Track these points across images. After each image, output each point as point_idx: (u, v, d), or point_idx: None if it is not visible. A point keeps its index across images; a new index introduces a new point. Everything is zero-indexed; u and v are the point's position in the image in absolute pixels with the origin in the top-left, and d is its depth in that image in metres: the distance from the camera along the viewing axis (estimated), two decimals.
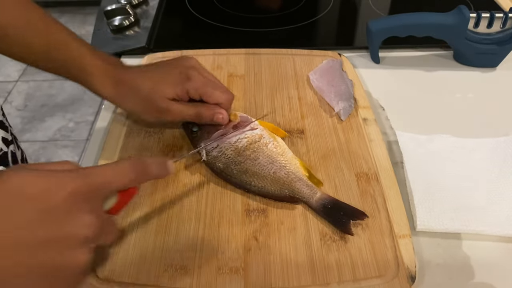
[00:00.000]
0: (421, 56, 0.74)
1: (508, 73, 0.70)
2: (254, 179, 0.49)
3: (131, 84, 0.51)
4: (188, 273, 0.42)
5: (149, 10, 0.85)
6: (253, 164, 0.49)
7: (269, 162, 0.49)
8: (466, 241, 0.47)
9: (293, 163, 0.50)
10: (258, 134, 0.52)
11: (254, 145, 0.51)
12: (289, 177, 0.48)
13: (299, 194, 0.47)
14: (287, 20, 0.84)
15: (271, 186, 0.48)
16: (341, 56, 0.69)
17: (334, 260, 0.43)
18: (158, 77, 0.51)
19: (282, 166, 0.49)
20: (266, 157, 0.50)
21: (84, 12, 2.74)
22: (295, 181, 0.48)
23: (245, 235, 0.45)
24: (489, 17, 0.67)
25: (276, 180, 0.48)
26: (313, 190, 0.47)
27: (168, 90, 0.50)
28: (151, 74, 0.51)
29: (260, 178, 0.48)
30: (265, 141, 0.51)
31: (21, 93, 2.15)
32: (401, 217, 0.47)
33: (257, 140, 0.51)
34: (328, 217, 0.46)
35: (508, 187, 0.50)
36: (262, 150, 0.50)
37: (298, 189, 0.47)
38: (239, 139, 0.51)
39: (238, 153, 0.50)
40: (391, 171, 0.51)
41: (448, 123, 0.61)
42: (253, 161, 0.50)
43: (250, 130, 0.52)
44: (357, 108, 0.60)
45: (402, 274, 0.42)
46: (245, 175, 0.49)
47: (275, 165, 0.49)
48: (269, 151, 0.50)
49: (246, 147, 0.51)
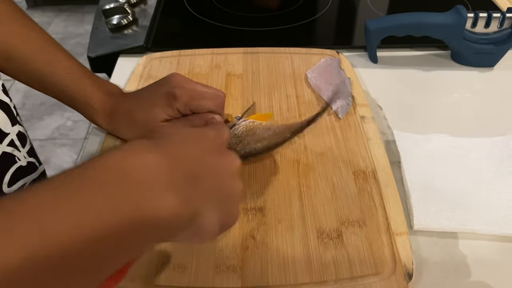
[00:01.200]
0: (419, 55, 0.74)
1: (506, 72, 0.70)
2: (258, 144, 0.49)
3: (126, 115, 0.53)
4: (185, 271, 0.42)
5: (147, 9, 0.85)
6: (252, 138, 0.50)
7: (266, 130, 0.51)
8: (463, 240, 0.47)
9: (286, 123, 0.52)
10: (251, 121, 0.53)
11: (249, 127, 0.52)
12: (286, 127, 0.49)
13: (297, 124, 0.48)
14: (286, 19, 0.84)
15: (275, 138, 0.49)
16: (339, 54, 0.69)
17: (331, 257, 0.43)
18: (148, 103, 0.52)
19: (278, 126, 0.51)
20: (262, 129, 0.51)
21: (82, 10, 2.74)
22: (291, 125, 0.49)
23: (242, 234, 0.45)
24: (487, 17, 0.67)
25: (277, 134, 0.49)
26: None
27: (159, 113, 0.51)
28: (141, 100, 0.53)
29: (263, 140, 0.49)
30: (258, 123, 0.53)
31: (19, 91, 2.15)
32: (398, 214, 0.47)
33: (251, 124, 0.52)
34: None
35: (505, 187, 0.50)
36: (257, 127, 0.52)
37: (295, 124, 0.49)
38: (235, 127, 0.52)
39: (237, 137, 0.51)
40: (389, 168, 0.51)
41: (446, 123, 0.61)
42: (252, 136, 0.51)
43: (244, 121, 0.53)
44: (355, 106, 0.60)
45: (399, 271, 0.42)
46: (248, 146, 0.50)
47: (272, 128, 0.51)
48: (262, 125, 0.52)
49: (244, 131, 0.51)
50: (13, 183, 0.53)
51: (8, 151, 0.52)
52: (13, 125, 0.53)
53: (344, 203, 0.48)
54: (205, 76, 0.66)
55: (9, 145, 0.52)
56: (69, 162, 1.82)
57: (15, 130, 0.53)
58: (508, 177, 0.51)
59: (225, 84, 0.65)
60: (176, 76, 0.52)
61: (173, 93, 0.50)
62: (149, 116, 0.51)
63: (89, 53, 0.74)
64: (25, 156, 0.55)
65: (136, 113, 0.52)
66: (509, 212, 0.48)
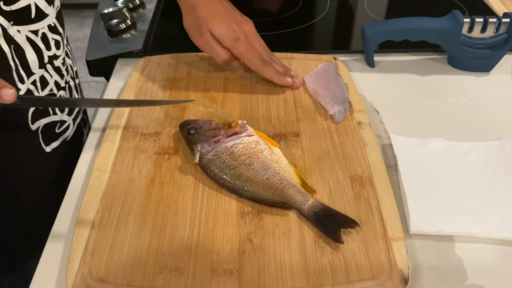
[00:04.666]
0: (416, 60, 0.74)
1: (502, 77, 0.71)
2: (247, 184, 0.49)
3: (195, 6, 0.61)
4: (182, 275, 0.42)
5: (146, 14, 0.86)
6: (247, 169, 0.50)
7: (263, 168, 0.50)
8: (459, 244, 0.47)
9: (287, 170, 0.50)
10: (255, 140, 0.53)
11: (250, 150, 0.51)
12: (282, 184, 0.48)
13: (291, 201, 0.48)
14: (283, 24, 0.84)
15: (264, 191, 0.48)
16: (336, 60, 0.70)
17: (328, 262, 0.43)
18: (218, 14, 0.61)
19: (276, 173, 0.49)
20: (261, 163, 0.50)
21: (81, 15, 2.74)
22: (287, 188, 0.48)
23: (239, 237, 0.46)
24: (483, 22, 0.68)
25: (269, 186, 0.49)
26: (305, 197, 0.48)
27: (217, 29, 0.60)
28: (216, 7, 0.61)
29: (253, 183, 0.49)
30: (261, 148, 0.52)
31: None
32: (395, 220, 0.47)
33: (253, 146, 0.52)
34: (319, 224, 0.46)
35: (501, 190, 0.51)
36: (257, 156, 0.51)
37: (290, 196, 0.48)
38: (235, 144, 0.52)
39: (233, 158, 0.51)
40: (385, 174, 0.52)
41: (442, 127, 0.61)
42: (247, 166, 0.50)
43: (247, 136, 0.53)
44: (352, 111, 0.60)
45: (395, 276, 0.42)
46: (238, 180, 0.49)
47: (269, 171, 0.49)
48: (264, 158, 0.51)
49: (242, 152, 0.51)
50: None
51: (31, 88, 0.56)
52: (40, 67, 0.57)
53: (341, 207, 0.48)
54: (203, 80, 0.67)
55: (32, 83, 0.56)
56: None
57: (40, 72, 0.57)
58: (504, 180, 0.51)
59: (223, 88, 0.65)
60: (248, 24, 0.63)
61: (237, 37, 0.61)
62: (209, 24, 0.60)
63: (87, 57, 0.75)
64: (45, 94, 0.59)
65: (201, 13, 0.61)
66: (505, 215, 0.48)
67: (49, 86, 0.59)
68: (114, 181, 0.51)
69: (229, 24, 0.60)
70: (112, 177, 0.52)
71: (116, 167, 0.53)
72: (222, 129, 0.54)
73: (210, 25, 0.60)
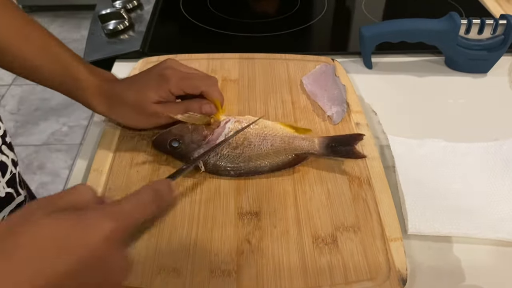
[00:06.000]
0: (413, 61, 0.75)
1: (499, 79, 0.71)
2: (260, 160, 0.51)
3: (120, 97, 0.53)
4: (180, 276, 0.42)
5: (143, 15, 0.86)
6: (251, 149, 0.51)
7: (261, 139, 0.52)
8: (457, 244, 0.47)
9: (278, 128, 0.52)
10: (235, 121, 0.54)
11: (240, 133, 0.52)
12: (284, 142, 0.51)
13: (302, 150, 0.50)
14: (281, 26, 0.84)
15: (277, 157, 0.50)
16: (334, 61, 0.70)
17: (326, 263, 0.43)
18: (141, 85, 0.53)
19: (274, 136, 0.52)
20: (256, 136, 0.52)
21: (79, 16, 2.74)
22: (292, 141, 0.50)
23: (237, 238, 0.45)
24: (480, 24, 0.68)
25: (277, 151, 0.51)
26: (309, 140, 0.50)
27: (151, 94, 0.52)
28: (135, 84, 0.54)
29: (264, 157, 0.51)
30: (245, 125, 0.53)
31: (15, 97, 2.14)
32: (393, 220, 0.47)
33: (239, 127, 0.53)
34: (335, 154, 0.49)
35: (498, 191, 0.51)
36: (249, 133, 0.53)
37: (298, 146, 0.50)
38: (226, 135, 0.53)
39: (233, 147, 0.52)
40: (383, 175, 0.52)
41: (440, 128, 0.61)
42: (248, 146, 0.51)
43: (228, 123, 0.54)
44: (350, 112, 0.60)
45: (393, 277, 0.42)
46: (251, 162, 0.51)
47: (267, 138, 0.51)
48: (255, 131, 0.53)
49: (236, 138, 0.52)
50: None
51: None
52: None
53: (339, 208, 0.48)
54: None
55: None
56: (64, 168, 1.81)
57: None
58: (501, 181, 0.52)
59: (220, 89, 0.65)
60: (168, 60, 0.54)
61: (164, 74, 0.52)
62: (142, 97, 0.52)
63: (85, 58, 0.75)
64: (4, 187, 0.53)
65: (129, 95, 0.53)
66: (502, 216, 0.48)
67: (9, 169, 0.54)
68: (112, 182, 0.51)
69: None
70: (109, 178, 0.51)
71: (114, 168, 0.53)
72: (204, 129, 0.54)
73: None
